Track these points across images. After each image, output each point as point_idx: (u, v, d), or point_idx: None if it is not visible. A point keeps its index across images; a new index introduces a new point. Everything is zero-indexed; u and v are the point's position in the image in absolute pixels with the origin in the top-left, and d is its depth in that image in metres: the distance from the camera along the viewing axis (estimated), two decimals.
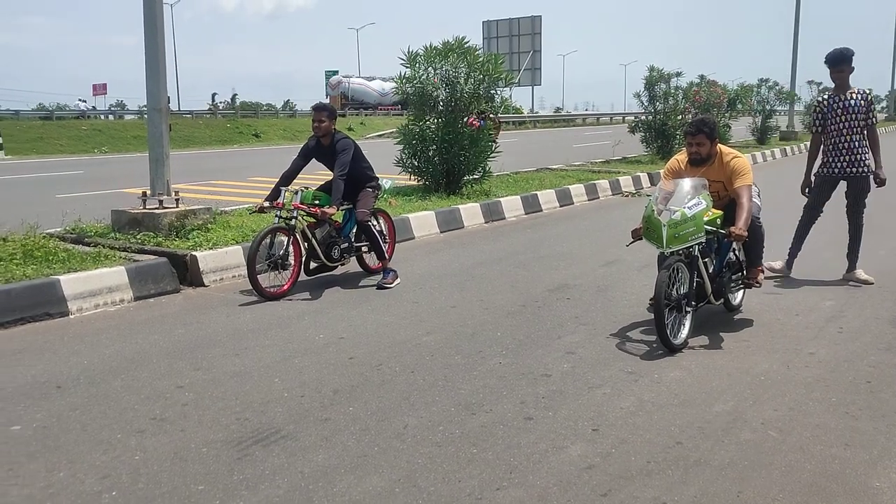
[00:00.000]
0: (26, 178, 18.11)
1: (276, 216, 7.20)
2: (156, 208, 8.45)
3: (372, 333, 5.88)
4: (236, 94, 50.66)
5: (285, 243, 7.12)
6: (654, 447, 3.87)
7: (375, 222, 7.84)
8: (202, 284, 7.38)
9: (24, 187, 16.04)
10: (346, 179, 7.30)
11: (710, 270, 5.89)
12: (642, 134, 21.24)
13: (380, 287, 7.32)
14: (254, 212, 7.78)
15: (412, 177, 13.11)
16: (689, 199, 5.49)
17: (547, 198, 13.43)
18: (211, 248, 7.74)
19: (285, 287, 7.03)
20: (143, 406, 4.41)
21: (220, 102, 46.39)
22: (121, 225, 8.48)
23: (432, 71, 12.49)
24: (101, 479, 3.55)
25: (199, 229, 8.38)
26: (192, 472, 3.61)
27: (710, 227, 5.60)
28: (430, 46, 12.53)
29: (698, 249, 5.61)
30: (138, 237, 8.14)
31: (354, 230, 7.70)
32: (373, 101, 53.84)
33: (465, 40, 12.60)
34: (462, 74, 12.43)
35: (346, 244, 7.60)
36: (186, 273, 7.42)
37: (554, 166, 18.52)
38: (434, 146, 12.73)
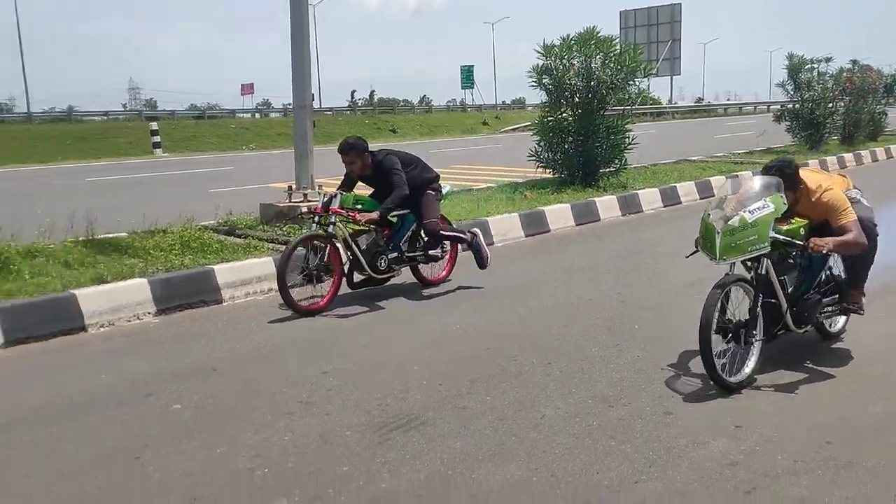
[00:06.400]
0: (182, 174, 19.21)
1: (314, 222, 6.63)
2: (301, 201, 8.79)
3: (508, 324, 5.93)
4: (374, 91, 51.99)
5: (323, 253, 6.45)
6: (802, 446, 3.73)
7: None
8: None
9: (180, 183, 17.04)
10: (408, 192, 6.72)
11: (790, 290, 4.85)
12: (788, 123, 20.31)
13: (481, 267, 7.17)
14: (296, 216, 7.41)
15: (546, 170, 13.05)
16: (753, 202, 4.53)
17: (686, 190, 13.05)
18: None
19: (322, 303, 6.35)
20: (290, 390, 4.63)
21: (359, 99, 47.62)
22: (268, 217, 8.89)
23: (567, 62, 12.40)
24: (254, 457, 3.76)
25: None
26: (336, 454, 3.77)
27: (782, 237, 4.59)
28: (567, 37, 12.44)
29: (769, 264, 4.63)
30: (284, 229, 8.51)
31: (407, 237, 6.98)
32: None
33: (598, 30, 12.45)
34: (597, 65, 12.28)
35: (396, 254, 6.81)
36: None
37: (694, 158, 17.95)
38: (570, 138, 12.64)
